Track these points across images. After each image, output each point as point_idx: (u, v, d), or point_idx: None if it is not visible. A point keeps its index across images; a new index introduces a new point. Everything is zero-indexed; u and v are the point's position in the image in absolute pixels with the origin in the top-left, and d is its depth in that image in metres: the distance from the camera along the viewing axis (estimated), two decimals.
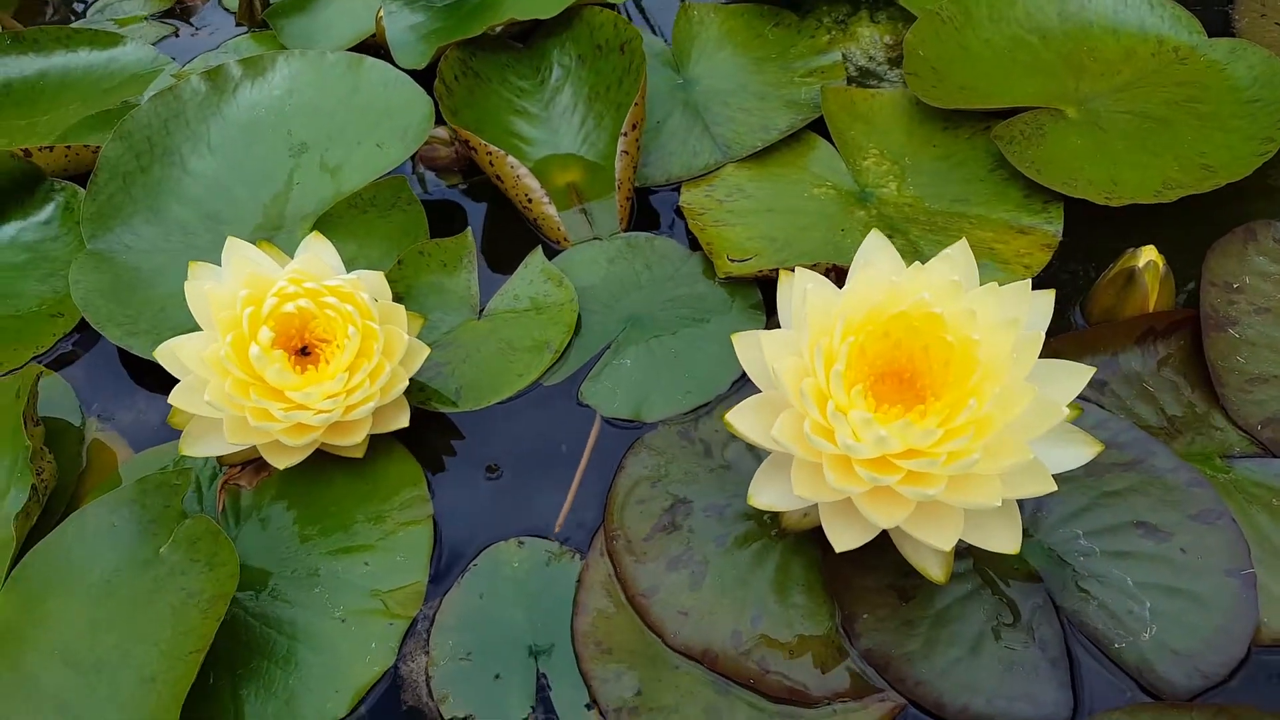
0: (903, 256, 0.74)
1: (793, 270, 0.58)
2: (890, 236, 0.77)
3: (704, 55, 0.94)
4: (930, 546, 0.51)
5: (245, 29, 1.09)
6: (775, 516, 0.60)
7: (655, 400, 0.69)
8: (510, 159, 0.80)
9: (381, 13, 0.96)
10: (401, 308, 0.67)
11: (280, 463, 0.64)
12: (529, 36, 0.94)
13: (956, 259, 0.53)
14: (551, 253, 0.80)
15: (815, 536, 0.58)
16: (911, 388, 0.53)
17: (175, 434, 0.68)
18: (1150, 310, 0.65)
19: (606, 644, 0.57)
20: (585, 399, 0.70)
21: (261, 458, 0.66)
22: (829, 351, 0.52)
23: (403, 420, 0.67)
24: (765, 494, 0.55)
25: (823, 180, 0.83)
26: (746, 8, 0.98)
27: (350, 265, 0.76)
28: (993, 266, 0.74)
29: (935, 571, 0.52)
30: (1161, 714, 0.49)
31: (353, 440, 0.65)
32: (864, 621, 0.55)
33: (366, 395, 0.63)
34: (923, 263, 0.55)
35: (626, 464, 0.65)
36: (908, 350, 0.53)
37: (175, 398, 0.63)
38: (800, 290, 0.54)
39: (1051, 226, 0.76)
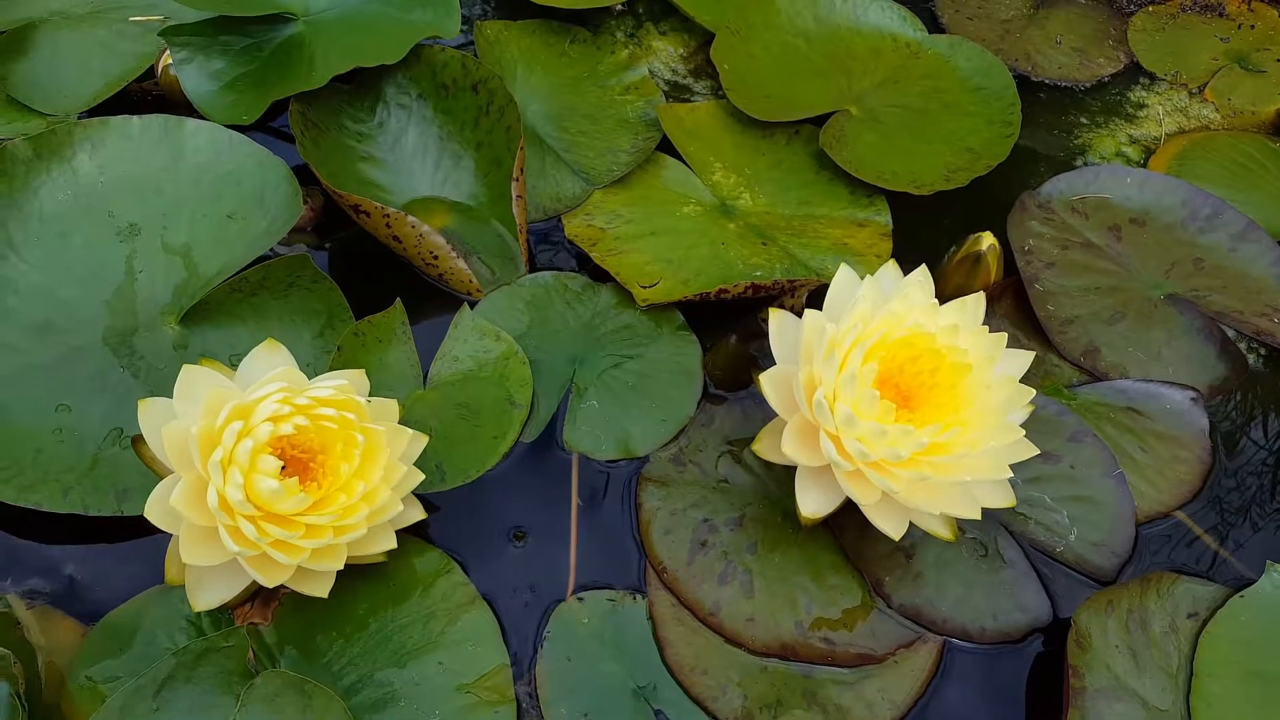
0: (775, 263, 0.88)
1: (778, 297, 0.67)
2: (763, 244, 0.88)
3: (519, 79, 0.96)
4: (946, 517, 0.65)
5: None
6: (789, 515, 0.71)
7: (637, 435, 0.75)
8: (410, 218, 0.78)
9: (168, 61, 0.86)
10: (393, 402, 0.66)
11: (319, 589, 0.62)
12: (355, 75, 0.90)
13: (968, 305, 0.66)
14: (458, 305, 0.80)
15: (826, 525, 0.70)
16: (908, 404, 0.66)
17: (130, 589, 0.62)
18: (992, 283, 0.83)
19: (701, 666, 0.65)
20: (572, 447, 0.75)
21: (263, 588, 0.63)
22: (860, 376, 0.62)
23: (417, 513, 0.67)
24: (809, 504, 0.65)
25: (686, 198, 0.91)
26: (537, 25, 1.01)
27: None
28: (851, 260, 0.88)
29: (944, 532, 0.66)
30: (1112, 595, 0.67)
31: (381, 546, 0.64)
32: (888, 583, 0.68)
33: (388, 499, 0.63)
34: (799, 267, 0.65)
35: (643, 501, 0.71)
36: (910, 373, 0.65)
37: (187, 555, 0.58)
38: (817, 328, 0.64)
39: (882, 218, 0.91)
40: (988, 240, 0.81)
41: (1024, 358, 0.66)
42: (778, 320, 0.67)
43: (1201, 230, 0.90)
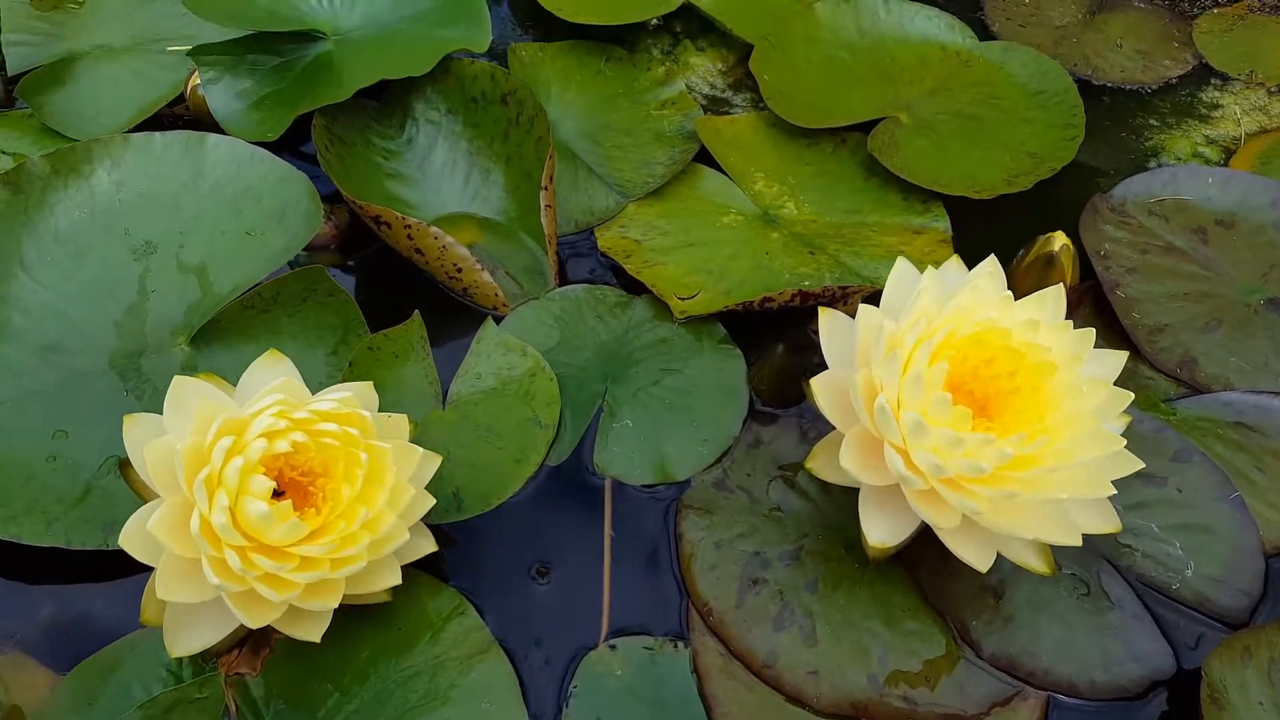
0: (824, 271, 0.74)
1: (828, 305, 0.54)
2: (810, 253, 0.75)
3: (553, 97, 0.86)
4: (1039, 545, 0.50)
5: None
6: (854, 549, 0.56)
7: (675, 457, 0.62)
8: (433, 229, 0.67)
9: (196, 82, 0.76)
10: (403, 417, 0.54)
11: (312, 632, 0.49)
12: (382, 92, 0.80)
13: (1048, 299, 0.52)
14: (494, 319, 0.69)
15: (898, 559, 0.56)
16: (984, 413, 0.52)
17: (112, 633, 0.50)
18: (1069, 286, 0.69)
19: None
20: (603, 471, 0.62)
21: (251, 634, 0.51)
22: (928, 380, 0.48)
23: (427, 545, 0.54)
24: (876, 531, 0.51)
25: (727, 208, 0.79)
26: (572, 45, 0.91)
27: None
28: None
29: (1039, 564, 0.51)
30: (1248, 641, 0.51)
31: (385, 582, 0.51)
32: (975, 628, 0.53)
33: (393, 526, 0.50)
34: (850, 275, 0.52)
35: (684, 531, 0.57)
36: (986, 378, 0.51)
37: (163, 590, 0.46)
38: (874, 326, 0.50)
39: (940, 224, 0.78)
40: (1060, 240, 0.67)
41: (1116, 358, 0.52)
42: (829, 320, 0.53)
43: None
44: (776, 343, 0.64)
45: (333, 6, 0.80)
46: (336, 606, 0.48)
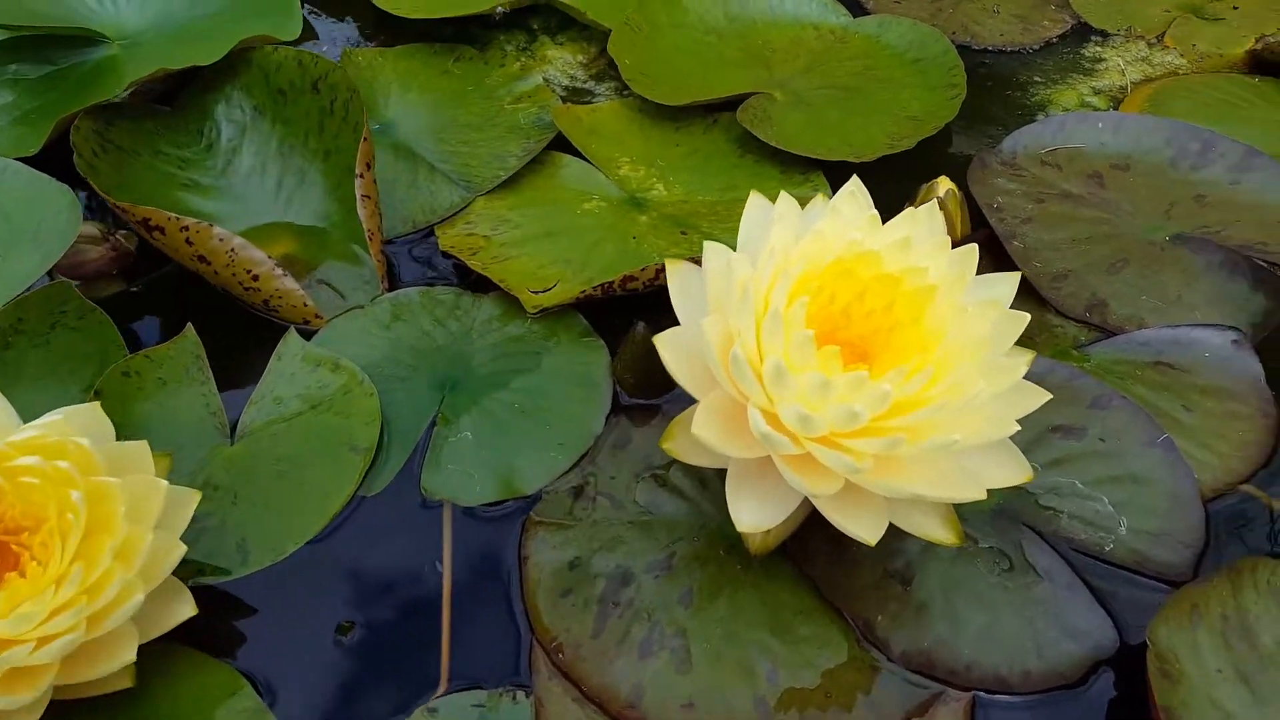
0: (698, 251, 0.68)
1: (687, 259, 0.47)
2: (682, 234, 0.70)
3: (392, 98, 0.80)
4: (940, 507, 0.43)
5: None
6: (734, 548, 0.49)
7: (524, 467, 0.54)
8: (217, 230, 0.59)
9: None
10: (143, 444, 0.45)
11: None
12: (174, 96, 0.72)
13: (920, 216, 0.46)
14: (303, 337, 0.61)
15: (786, 552, 0.48)
16: (865, 360, 0.45)
17: None
18: (958, 236, 0.64)
19: None
20: (432, 493, 0.53)
21: None
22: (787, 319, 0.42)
23: (185, 608, 0.44)
24: (748, 513, 0.43)
25: (588, 195, 0.73)
26: (416, 49, 0.85)
27: None
28: None
29: (944, 533, 0.44)
30: (1195, 598, 0.45)
31: (115, 663, 0.41)
32: (882, 624, 0.46)
33: (124, 585, 0.40)
34: None
35: (530, 553, 0.49)
36: (859, 317, 0.45)
37: None
38: (723, 266, 0.44)
39: (822, 192, 0.73)
40: (945, 184, 0.63)
41: (1007, 280, 0.46)
42: (679, 274, 0.47)
43: (1195, 166, 0.71)
44: (636, 322, 0.57)
45: (116, 7, 0.73)
46: (46, 700, 0.38)
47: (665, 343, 0.44)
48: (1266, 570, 0.45)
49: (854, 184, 0.47)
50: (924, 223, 0.45)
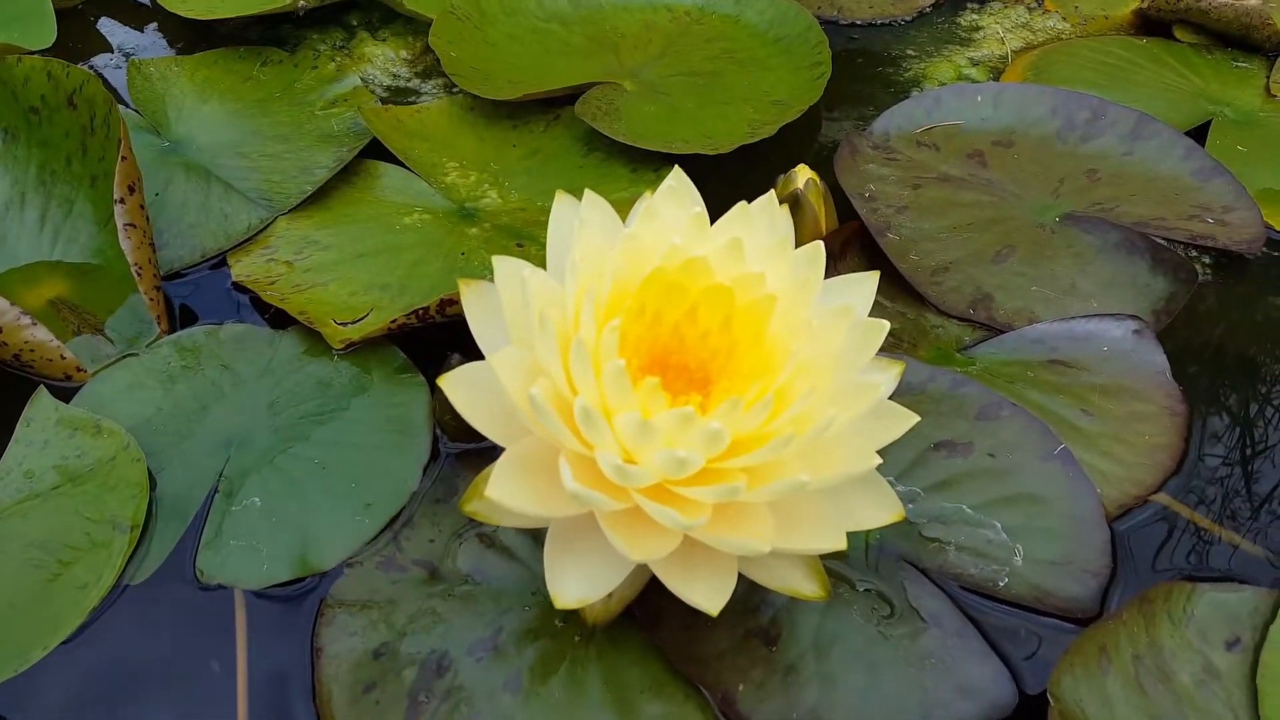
0: (536, 264, 0.61)
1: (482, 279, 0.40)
2: (518, 245, 0.63)
3: (185, 111, 0.72)
4: (800, 559, 0.37)
5: None
6: (572, 617, 0.42)
7: (324, 537, 0.46)
8: None
9: None
10: None
11: None
12: None
13: (752, 212, 0.40)
14: (64, 395, 0.52)
15: (631, 619, 0.41)
16: (702, 390, 0.39)
17: None
18: (824, 232, 0.58)
19: None
20: (208, 576, 0.45)
21: None
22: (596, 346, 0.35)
23: None
24: (570, 585, 0.36)
25: (410, 207, 0.65)
26: (216, 55, 0.77)
27: None
28: None
29: (809, 585, 0.38)
30: (1103, 638, 0.40)
31: None
32: (744, 695, 0.39)
33: None
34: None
35: (324, 644, 0.41)
36: (692, 339, 0.38)
37: None
38: (515, 279, 0.37)
39: None
40: (805, 174, 0.57)
41: (865, 281, 0.40)
42: (476, 294, 0.39)
43: (1084, 137, 0.68)
44: (451, 354, 0.49)
45: None
46: None
47: (455, 383, 0.37)
48: (1182, 596, 0.40)
49: (675, 176, 0.41)
50: (760, 220, 0.39)
